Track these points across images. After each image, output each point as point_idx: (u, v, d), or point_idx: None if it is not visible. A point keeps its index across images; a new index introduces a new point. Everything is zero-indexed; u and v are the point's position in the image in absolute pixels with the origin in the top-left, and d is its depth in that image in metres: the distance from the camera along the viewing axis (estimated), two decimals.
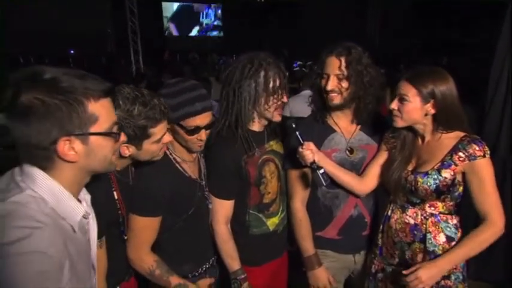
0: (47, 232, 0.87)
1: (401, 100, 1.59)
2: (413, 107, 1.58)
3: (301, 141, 1.63)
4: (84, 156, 0.95)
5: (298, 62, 8.63)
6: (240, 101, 1.71)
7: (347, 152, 1.83)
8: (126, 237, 1.58)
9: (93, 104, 0.93)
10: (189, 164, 1.67)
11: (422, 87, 1.53)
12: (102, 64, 11.24)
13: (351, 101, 1.76)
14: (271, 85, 1.69)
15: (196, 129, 1.54)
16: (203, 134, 1.58)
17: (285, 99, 1.75)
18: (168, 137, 1.48)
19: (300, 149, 1.62)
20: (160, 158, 1.54)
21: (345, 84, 1.72)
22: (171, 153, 1.63)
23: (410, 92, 1.56)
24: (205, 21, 16.86)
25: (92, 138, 0.95)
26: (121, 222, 1.54)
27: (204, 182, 1.73)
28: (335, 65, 1.70)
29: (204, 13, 16.77)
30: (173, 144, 1.63)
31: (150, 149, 1.45)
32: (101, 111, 0.94)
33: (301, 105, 3.38)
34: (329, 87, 1.72)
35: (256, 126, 1.82)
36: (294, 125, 1.65)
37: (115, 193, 1.48)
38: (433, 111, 1.57)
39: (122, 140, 1.07)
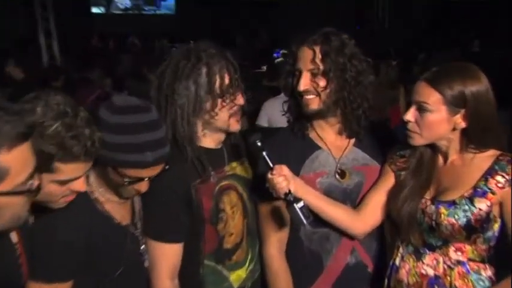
0: None
1: (420, 109, 1.61)
2: (436, 119, 1.60)
3: (270, 165, 1.65)
4: None
5: (282, 51, 8.63)
6: (175, 110, 1.74)
7: (337, 175, 1.86)
8: None
9: (4, 156, 0.96)
10: (115, 205, 1.66)
11: (448, 90, 1.55)
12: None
13: (334, 105, 1.80)
14: (217, 84, 1.73)
15: (138, 180, 1.55)
16: (144, 186, 1.59)
17: (239, 101, 1.80)
18: (80, 185, 1.44)
19: (269, 176, 1.64)
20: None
21: (322, 82, 1.77)
22: (92, 191, 1.61)
23: (431, 98, 1.58)
24: None
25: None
26: (20, 274, 1.46)
27: (138, 231, 1.73)
28: (307, 57, 1.76)
29: None
30: (95, 177, 1.62)
31: (47, 188, 1.37)
32: (14, 163, 0.99)
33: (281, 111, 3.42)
34: (301, 86, 1.77)
35: (208, 141, 1.84)
36: (259, 143, 1.67)
37: (13, 235, 1.41)
38: (463, 124, 1.59)
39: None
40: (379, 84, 4.37)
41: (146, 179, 1.55)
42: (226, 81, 1.75)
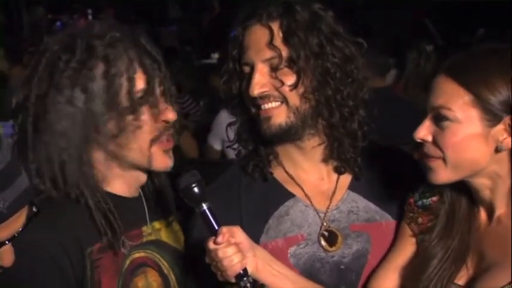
0: None
1: (438, 120, 1.34)
2: (466, 135, 1.33)
3: (214, 227, 1.33)
4: None
5: None
6: (52, 141, 1.34)
7: (323, 241, 1.54)
8: None
9: None
10: None
11: (482, 87, 1.31)
12: None
13: (312, 117, 1.47)
14: (123, 91, 1.34)
15: None
16: (7, 257, 1.17)
17: (168, 116, 1.42)
18: None
19: (211, 245, 1.32)
20: None
21: (288, 78, 1.44)
22: None
23: (457, 101, 1.32)
24: None
25: None
26: None
27: None
28: (261, 41, 1.46)
29: None
30: None
31: None
32: None
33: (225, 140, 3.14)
34: (255, 88, 1.44)
35: (116, 184, 1.46)
36: (196, 189, 1.31)
37: None
38: (509, 141, 1.31)
39: None
40: (406, 84, 3.87)
41: (6, 244, 1.11)
42: (140, 84, 1.36)
